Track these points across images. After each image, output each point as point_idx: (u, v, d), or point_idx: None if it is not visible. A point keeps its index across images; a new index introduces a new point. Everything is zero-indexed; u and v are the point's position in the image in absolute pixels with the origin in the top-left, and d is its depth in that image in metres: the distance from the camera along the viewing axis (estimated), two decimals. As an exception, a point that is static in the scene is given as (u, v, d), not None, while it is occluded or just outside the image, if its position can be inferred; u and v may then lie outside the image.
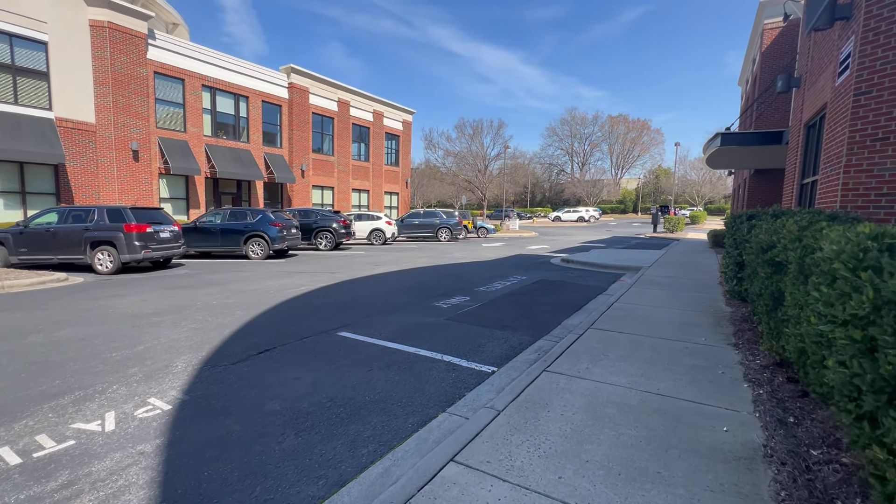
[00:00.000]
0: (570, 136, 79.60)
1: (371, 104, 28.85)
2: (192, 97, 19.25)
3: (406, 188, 33.12)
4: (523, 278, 9.82)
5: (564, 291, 8.28)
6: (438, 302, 7.20)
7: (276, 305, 6.90)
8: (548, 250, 17.38)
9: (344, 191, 27.43)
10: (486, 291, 8.17)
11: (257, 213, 13.83)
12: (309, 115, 24.54)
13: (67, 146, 15.66)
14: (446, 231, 22.82)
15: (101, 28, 16.09)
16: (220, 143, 20.52)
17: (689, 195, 61.58)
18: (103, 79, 16.29)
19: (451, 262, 13.22)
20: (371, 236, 20.13)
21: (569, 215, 49.48)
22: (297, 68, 23.48)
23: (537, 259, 14.00)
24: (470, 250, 17.26)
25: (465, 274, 10.50)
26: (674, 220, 28.44)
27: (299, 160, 24.09)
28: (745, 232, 4.43)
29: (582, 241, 22.29)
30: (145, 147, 17.54)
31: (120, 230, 10.41)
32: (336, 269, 11.40)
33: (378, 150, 29.85)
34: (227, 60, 20.48)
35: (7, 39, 14.31)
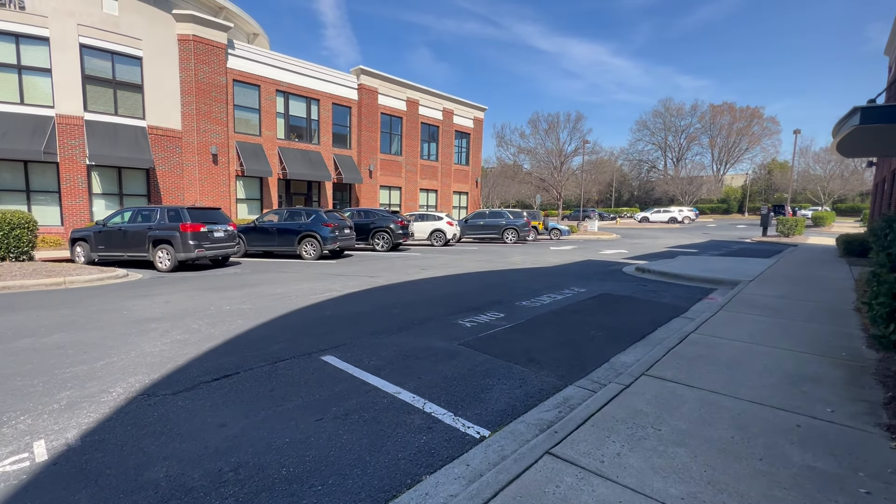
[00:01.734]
0: (664, 129, 72.54)
1: (440, 102, 28.28)
2: (266, 102, 20.14)
3: (476, 187, 32.09)
4: (581, 291, 8.23)
5: (628, 311, 6.62)
6: (464, 318, 6.05)
7: (285, 315, 6.27)
8: (624, 256, 15.19)
9: (411, 191, 27.19)
10: (528, 307, 6.82)
11: (311, 213, 13.75)
12: (377, 116, 24.61)
13: (156, 151, 17.10)
14: (512, 232, 21.36)
15: (187, 41, 17.33)
16: (292, 145, 21.26)
17: (811, 192, 52.44)
18: (188, 88, 17.56)
19: (505, 267, 11.90)
20: (432, 237, 19.43)
21: (658, 216, 44.68)
22: (366, 69, 23.63)
23: (607, 266, 12.10)
24: (534, 254, 15.71)
25: (514, 282, 9.17)
26: (790, 221, 23.84)
27: (367, 160, 24.25)
28: (913, 245, 2.67)
29: (669, 246, 19.43)
30: (223, 151, 18.64)
31: (176, 229, 10.75)
32: (379, 272, 10.73)
33: (447, 149, 29.21)
34: (299, 65, 21.15)
35: (109, 57, 15.93)
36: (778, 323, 5.39)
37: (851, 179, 49.55)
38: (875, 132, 8.89)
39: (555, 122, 38.37)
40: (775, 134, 67.29)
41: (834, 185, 49.99)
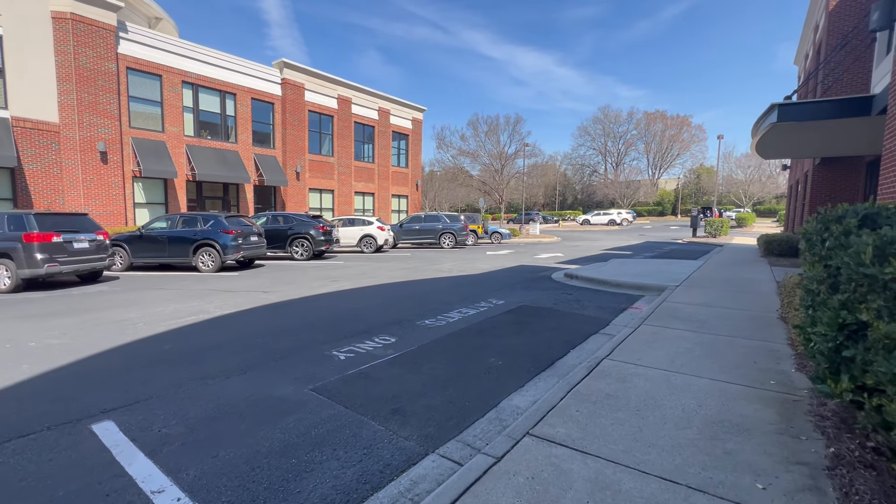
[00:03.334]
0: (604, 135, 75.34)
1: (376, 101, 26.96)
2: (170, 94, 17.89)
3: (416, 191, 31.01)
4: (499, 303, 7.30)
5: (543, 327, 5.73)
6: (344, 347, 4.86)
7: (105, 352, 4.78)
8: (559, 260, 14.66)
9: (345, 194, 25.61)
10: (430, 327, 5.75)
11: (209, 219, 11.98)
12: (305, 114, 22.87)
13: (25, 148, 14.48)
14: (449, 237, 20.44)
15: (64, 20, 14.87)
16: (204, 143, 19.08)
17: (734, 195, 56.27)
18: (66, 75, 15.07)
19: (428, 276, 10.84)
20: (361, 243, 18.05)
21: (599, 218, 45.85)
22: (290, 63, 21.87)
23: (537, 272, 11.38)
24: (467, 260, 14.80)
25: (428, 295, 8.10)
26: (717, 222, 24.80)
27: (294, 161, 22.44)
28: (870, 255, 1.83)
29: (605, 248, 19.31)
30: (115, 148, 16.23)
31: (19, 240, 8.72)
32: (278, 286, 9.28)
33: (384, 151, 27.91)
34: (211, 55, 19.06)
35: (-44, 33, 13.23)
36: (701, 340, 4.67)
37: (768, 183, 53.66)
38: (792, 131, 8.74)
39: (494, 124, 38.17)
40: (702, 141, 71.85)
41: (753, 188, 53.89)
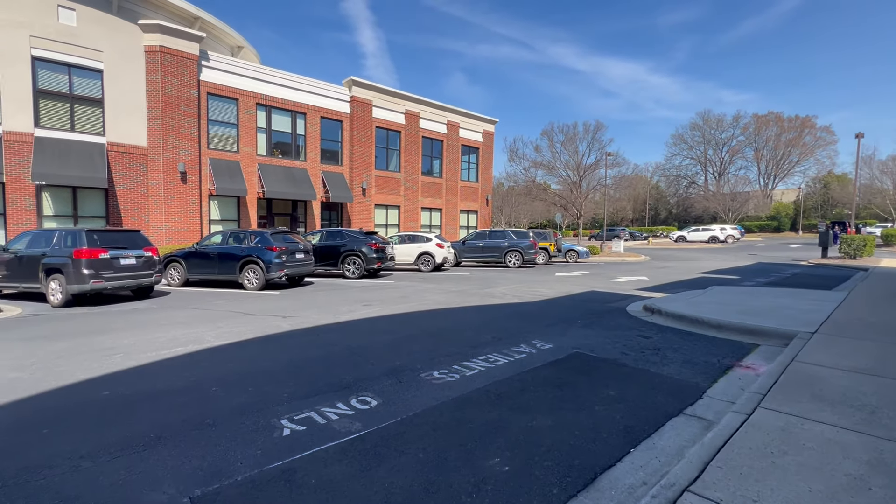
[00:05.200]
0: (703, 143, 67.89)
1: (444, 115, 26.30)
2: (245, 116, 18.73)
3: (486, 206, 29.63)
4: (544, 347, 5.54)
5: (597, 396, 3.91)
6: (301, 412, 3.57)
7: (34, 396, 4.02)
8: (642, 285, 12.20)
9: (411, 210, 25.08)
10: (435, 383, 4.24)
11: (256, 236, 11.72)
12: (372, 130, 22.85)
13: (118, 170, 15.81)
14: (516, 255, 18.65)
15: (154, 53, 16.18)
16: (275, 162, 19.69)
17: (878, 207, 46.38)
18: (154, 102, 16.32)
19: (473, 303, 9.30)
20: (419, 261, 17.04)
21: (697, 234, 40.37)
22: (358, 80, 22.03)
23: (609, 302, 9.24)
24: (528, 282, 12.97)
25: (457, 331, 6.57)
26: (857, 240, 19.80)
27: (360, 178, 22.41)
28: None
29: (704, 271, 16.12)
30: (193, 168, 17.21)
31: (69, 256, 8.92)
32: (303, 311, 8.41)
33: (453, 165, 27.06)
34: (283, 77, 19.74)
35: (66, 70, 14.89)
36: (880, 456, 2.57)
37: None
38: None
39: (571, 133, 35.33)
40: (830, 144, 61.31)
41: (906, 198, 43.87)
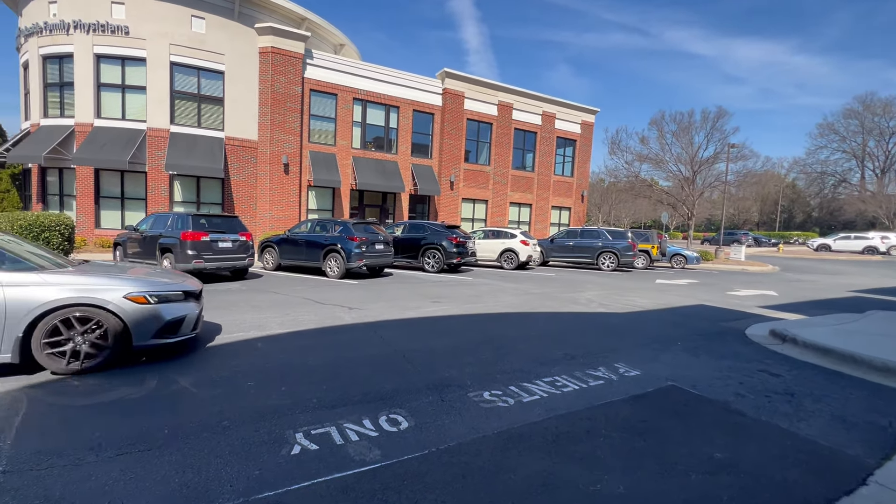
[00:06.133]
0: (862, 132, 55.94)
1: (540, 105, 24.91)
2: (343, 111, 19.54)
3: (581, 202, 27.60)
4: (629, 375, 4.50)
5: (693, 458, 2.88)
6: (321, 426, 3.15)
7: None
8: (768, 302, 10.04)
9: (500, 204, 24.26)
10: (484, 408, 3.55)
11: (339, 225, 12.00)
12: (463, 122, 22.45)
13: (232, 162, 17.53)
14: (610, 257, 16.88)
15: (266, 53, 17.55)
16: (367, 154, 20.31)
17: None
18: (265, 99, 17.74)
19: (553, 309, 8.32)
20: (502, 258, 16.24)
21: (846, 243, 33.35)
22: (451, 72, 21.75)
23: (722, 320, 7.59)
24: (621, 289, 11.47)
25: (524, 341, 5.74)
26: None
27: (449, 171, 22.20)
28: None
29: (856, 289, 12.91)
30: (295, 160, 18.42)
31: (177, 238, 9.89)
32: (371, 303, 8.23)
33: (546, 158, 25.59)
34: (380, 72, 20.21)
35: (195, 73, 16.83)
36: None
37: None
38: None
39: (686, 122, 31.00)
40: None
41: None
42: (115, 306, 4.11)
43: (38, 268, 4.17)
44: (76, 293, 3.99)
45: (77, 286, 4.04)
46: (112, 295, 4.14)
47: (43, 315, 3.86)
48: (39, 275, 4.00)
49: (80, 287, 4.05)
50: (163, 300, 4.42)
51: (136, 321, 4.20)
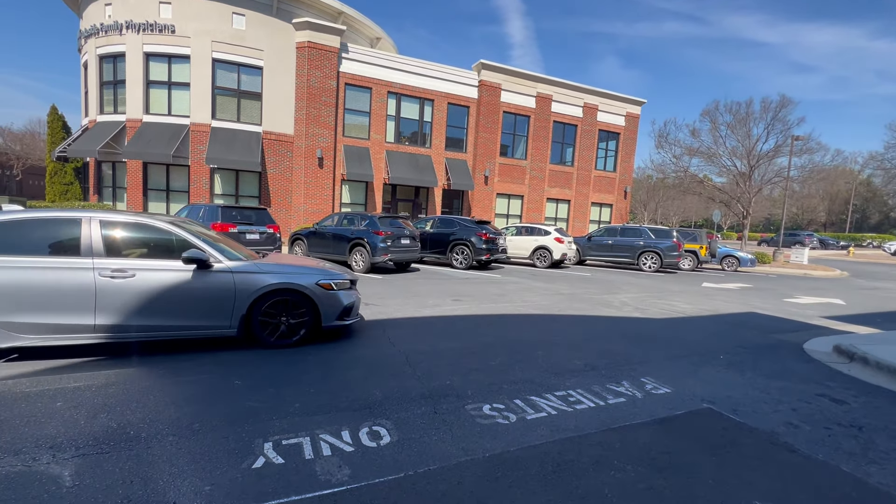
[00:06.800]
0: (953, 123, 49.78)
1: (581, 96, 23.80)
2: (377, 105, 19.48)
3: (624, 199, 26.22)
4: (657, 393, 3.93)
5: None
6: (295, 436, 2.86)
7: (98, 359, 4.11)
8: (835, 311, 8.90)
9: (536, 200, 23.46)
10: (481, 423, 3.14)
11: (365, 219, 11.87)
12: (499, 115, 21.82)
13: (269, 156, 17.90)
14: (652, 257, 15.81)
15: (303, 48, 17.74)
16: (401, 148, 20.17)
17: None
18: (301, 94, 17.96)
19: (581, 312, 7.72)
20: (534, 256, 15.59)
21: (932, 248, 29.75)
22: (488, 63, 21.16)
23: (775, 331, 6.71)
24: (662, 292, 10.60)
25: (542, 347, 5.24)
26: None
27: (483, 165, 21.68)
28: None
29: (944, 301, 11.27)
30: (329, 154, 18.55)
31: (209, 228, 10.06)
32: (391, 299, 7.97)
33: (587, 152, 24.47)
34: (414, 65, 19.97)
35: (235, 69, 17.27)
36: None
37: None
38: None
39: (744, 112, 28.41)
40: None
41: None
42: (310, 291, 4.77)
43: (247, 258, 4.80)
44: (283, 279, 4.67)
45: (282, 273, 4.73)
46: (308, 280, 4.80)
47: (260, 297, 4.55)
48: (255, 263, 4.68)
49: (285, 274, 4.74)
50: (341, 287, 5.06)
51: (325, 304, 4.86)
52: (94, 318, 3.98)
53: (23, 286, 3.80)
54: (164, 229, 4.44)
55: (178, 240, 4.45)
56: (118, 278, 4.03)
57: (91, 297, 3.95)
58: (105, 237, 4.12)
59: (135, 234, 4.42)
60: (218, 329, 4.44)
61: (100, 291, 3.97)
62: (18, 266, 3.81)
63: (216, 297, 4.37)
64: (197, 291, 4.30)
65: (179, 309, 4.26)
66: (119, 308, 4.03)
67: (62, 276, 3.90)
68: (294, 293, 4.71)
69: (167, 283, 4.20)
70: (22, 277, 3.80)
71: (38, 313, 3.83)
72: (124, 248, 4.29)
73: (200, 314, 4.35)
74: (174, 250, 4.42)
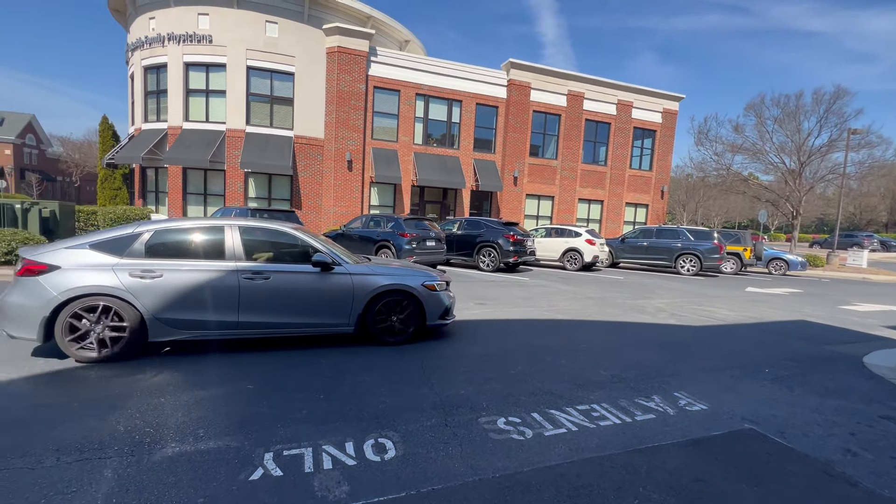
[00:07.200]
0: None
1: (615, 93, 23.02)
2: (405, 107, 19.53)
3: (661, 199, 25.14)
4: (692, 409, 3.59)
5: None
6: (297, 446, 2.75)
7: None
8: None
9: (567, 201, 22.86)
10: (494, 439, 2.93)
11: (391, 221, 11.85)
12: (528, 115, 21.40)
13: (301, 159, 18.28)
14: (691, 260, 15.00)
15: (333, 53, 18.03)
16: (429, 150, 20.13)
17: None
18: (331, 98, 18.25)
19: (611, 318, 7.33)
20: (564, 258, 15.13)
21: None
22: (517, 62, 20.80)
23: (829, 342, 6.10)
24: (700, 297, 9.98)
25: (571, 355, 4.95)
26: None
27: (512, 166, 21.32)
28: None
29: None
30: (358, 157, 18.74)
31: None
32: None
33: (621, 151, 23.64)
34: (442, 66, 19.90)
35: (268, 75, 17.75)
36: None
37: None
38: None
39: (794, 105, 26.46)
40: None
41: None
42: (418, 292, 5.05)
43: (358, 262, 5.13)
44: (395, 280, 4.99)
45: (392, 275, 5.04)
46: (415, 282, 5.08)
47: (375, 297, 4.87)
48: (368, 266, 5.05)
49: (396, 276, 5.05)
50: (441, 289, 5.31)
51: (430, 304, 5.14)
52: (238, 315, 4.37)
53: (181, 286, 4.19)
54: (292, 235, 4.84)
55: (303, 244, 4.84)
56: (257, 280, 4.41)
57: (235, 297, 4.34)
58: (244, 242, 4.53)
59: (267, 239, 4.86)
60: (338, 326, 4.80)
61: (242, 292, 4.35)
62: (178, 269, 4.22)
63: (338, 297, 4.71)
64: (322, 292, 4.67)
65: (308, 308, 4.64)
66: (257, 307, 4.42)
67: (213, 278, 4.29)
68: (404, 293, 5.01)
69: (298, 284, 4.60)
70: (181, 279, 4.19)
71: (192, 311, 4.23)
72: (258, 251, 4.72)
73: (325, 313, 4.71)
74: (298, 254, 4.82)
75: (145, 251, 4.24)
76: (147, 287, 4.09)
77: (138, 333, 4.11)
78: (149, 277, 4.11)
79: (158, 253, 4.28)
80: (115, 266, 4.08)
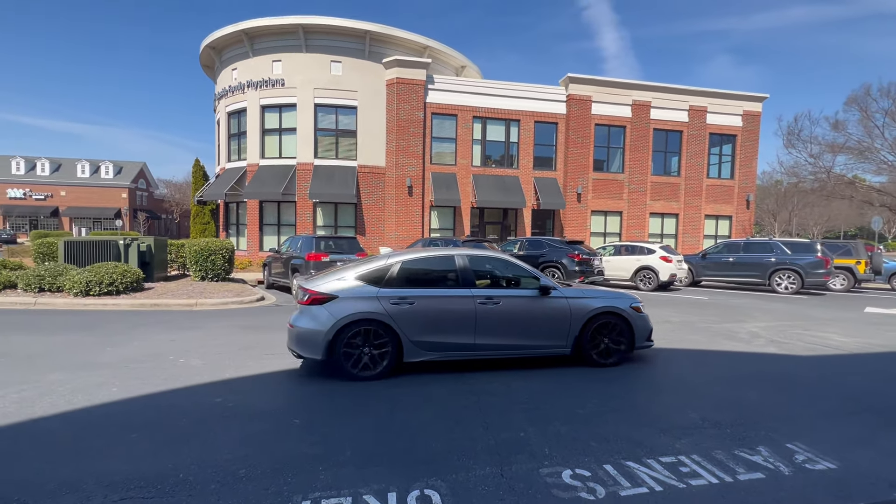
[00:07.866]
0: None
1: (685, 99, 21.51)
2: (463, 130, 19.68)
3: (747, 209, 22.73)
4: (817, 468, 2.84)
5: None
6: (328, 497, 2.52)
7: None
8: None
9: (637, 216, 21.43)
10: (554, 496, 2.49)
11: (448, 244, 11.71)
12: (590, 129, 20.60)
13: (364, 187, 18.98)
14: (789, 276, 13.19)
15: (392, 85, 18.76)
16: (487, 171, 20.00)
17: None
18: (391, 127, 18.90)
19: (702, 345, 6.45)
20: (637, 277, 13.98)
21: None
22: (576, 76, 20.23)
23: None
24: (808, 319, 8.58)
25: (652, 393, 4.30)
26: None
27: (575, 182, 20.51)
28: None
29: None
30: (418, 182, 19.08)
31: (302, 259, 10.71)
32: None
33: (696, 159, 21.87)
34: (498, 87, 19.90)
35: (333, 111, 18.83)
36: None
37: None
38: None
39: None
40: None
41: None
42: (627, 314, 5.16)
43: (566, 286, 5.42)
44: (606, 303, 5.15)
45: (603, 299, 5.21)
46: (624, 304, 5.20)
47: (589, 320, 5.04)
48: (580, 289, 5.33)
49: (606, 298, 5.22)
50: (643, 311, 5.35)
51: (639, 326, 5.22)
52: (475, 338, 4.75)
53: (431, 312, 4.64)
54: (511, 262, 5.19)
55: (518, 270, 5.16)
56: (489, 304, 4.77)
57: (472, 321, 4.72)
58: (472, 270, 4.93)
59: (488, 266, 5.23)
60: (556, 348, 5.03)
61: (479, 316, 4.73)
62: (427, 296, 4.69)
63: (557, 320, 4.95)
64: (544, 315, 4.93)
65: (531, 330, 4.91)
66: (490, 330, 4.77)
67: (455, 304, 4.72)
68: (615, 316, 5.11)
69: (522, 307, 4.89)
70: (430, 305, 4.66)
71: (440, 334, 4.67)
72: (483, 277, 5.11)
73: (545, 335, 4.96)
74: (514, 279, 5.13)
75: (396, 280, 4.69)
76: (404, 313, 4.54)
77: (397, 355, 4.59)
78: (405, 304, 4.57)
79: (405, 282, 4.72)
80: (378, 294, 4.56)
